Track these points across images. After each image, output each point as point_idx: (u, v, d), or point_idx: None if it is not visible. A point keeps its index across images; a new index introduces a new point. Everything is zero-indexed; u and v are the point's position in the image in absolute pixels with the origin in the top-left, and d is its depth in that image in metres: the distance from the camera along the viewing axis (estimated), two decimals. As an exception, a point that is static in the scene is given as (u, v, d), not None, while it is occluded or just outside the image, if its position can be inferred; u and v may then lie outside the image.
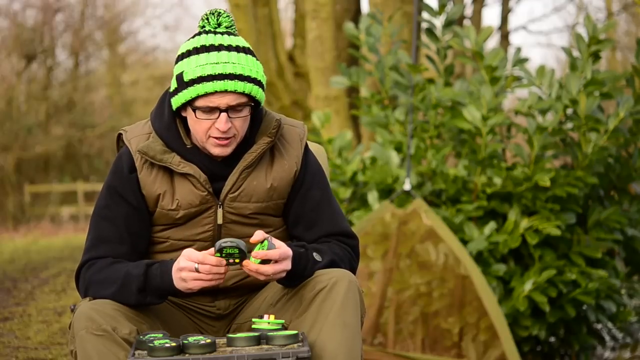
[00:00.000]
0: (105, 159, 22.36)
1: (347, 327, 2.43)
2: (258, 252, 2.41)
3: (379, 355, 4.50)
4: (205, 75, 2.46)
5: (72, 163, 22.94)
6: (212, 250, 2.40)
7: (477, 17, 13.54)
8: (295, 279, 2.50)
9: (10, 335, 5.54)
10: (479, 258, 4.65)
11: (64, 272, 9.15)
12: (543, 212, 4.63)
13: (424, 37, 6.25)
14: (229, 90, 2.47)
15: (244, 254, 2.39)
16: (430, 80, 4.97)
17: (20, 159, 21.48)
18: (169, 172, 2.57)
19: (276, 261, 2.42)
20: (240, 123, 2.51)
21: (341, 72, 5.21)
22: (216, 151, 2.52)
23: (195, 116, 2.50)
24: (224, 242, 2.39)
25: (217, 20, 2.54)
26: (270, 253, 2.41)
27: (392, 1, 7.32)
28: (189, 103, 2.50)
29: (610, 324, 5.22)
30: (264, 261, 2.42)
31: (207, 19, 2.54)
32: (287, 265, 2.44)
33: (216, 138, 2.50)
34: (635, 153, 4.98)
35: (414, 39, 4.96)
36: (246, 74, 2.49)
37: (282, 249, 2.43)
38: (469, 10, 13.50)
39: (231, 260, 2.40)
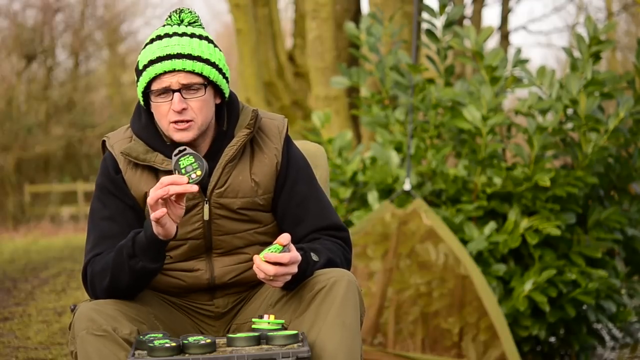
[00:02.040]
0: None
1: (347, 327, 2.43)
2: (269, 255, 2.39)
3: (379, 355, 4.50)
4: (154, 57, 2.51)
5: (72, 163, 22.95)
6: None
7: (477, 17, 13.55)
8: (295, 282, 2.50)
9: (10, 335, 5.54)
10: (479, 258, 4.64)
11: (64, 272, 9.15)
12: (543, 212, 4.63)
13: (424, 38, 6.25)
14: (177, 69, 2.50)
15: (200, 160, 2.38)
16: (430, 81, 4.97)
17: (20, 159, 21.49)
18: (154, 172, 2.58)
19: (283, 265, 2.41)
20: (198, 105, 2.52)
21: (341, 72, 5.21)
22: (177, 137, 2.52)
23: (153, 100, 2.53)
24: (177, 156, 2.38)
25: (179, 17, 2.59)
26: (280, 256, 2.39)
27: (393, 1, 7.32)
28: (148, 91, 2.53)
29: (610, 324, 5.22)
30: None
31: (170, 17, 2.59)
32: (294, 268, 2.43)
33: (175, 122, 2.51)
34: (635, 153, 4.98)
35: (414, 39, 4.96)
36: (196, 54, 2.52)
37: (292, 252, 2.42)
38: (469, 10, 13.51)
39: (194, 176, 2.37)
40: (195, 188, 2.36)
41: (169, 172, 2.55)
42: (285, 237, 2.41)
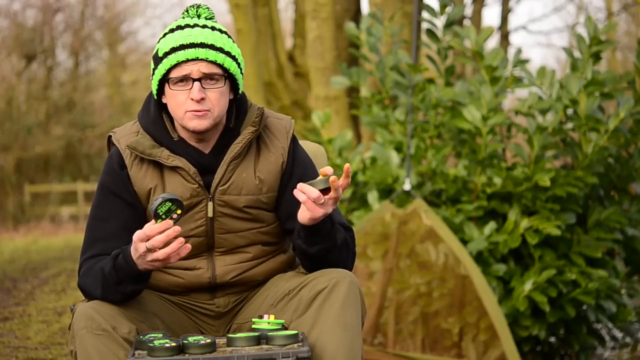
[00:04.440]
0: (105, 159, 22.30)
1: (348, 327, 2.42)
2: (335, 177, 2.40)
3: (379, 355, 4.50)
4: (177, 45, 2.52)
5: (72, 163, 22.95)
6: (152, 221, 2.37)
7: (477, 17, 13.55)
8: (324, 227, 2.49)
9: (10, 335, 5.54)
10: (479, 258, 4.64)
11: (64, 272, 9.15)
12: (543, 212, 4.63)
13: (425, 37, 6.25)
14: (200, 57, 2.51)
15: (179, 202, 2.36)
16: (430, 81, 4.97)
17: (20, 159, 21.49)
18: (159, 167, 2.58)
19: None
20: (216, 96, 2.52)
21: (341, 72, 5.20)
22: (192, 124, 2.52)
23: (170, 89, 2.52)
24: (154, 204, 2.35)
25: (197, 12, 2.60)
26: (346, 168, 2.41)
27: (393, 1, 7.32)
28: (165, 79, 2.53)
29: (610, 324, 5.21)
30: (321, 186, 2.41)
31: (187, 11, 2.61)
32: (340, 192, 2.44)
33: (191, 111, 2.51)
34: (635, 153, 4.98)
35: (414, 39, 4.96)
36: (218, 46, 2.54)
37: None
38: (469, 10, 13.51)
39: (175, 216, 2.36)
40: (177, 229, 2.35)
41: (174, 168, 2.56)
42: (329, 168, 2.42)
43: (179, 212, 2.37)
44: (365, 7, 12.55)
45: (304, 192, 2.41)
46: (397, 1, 7.31)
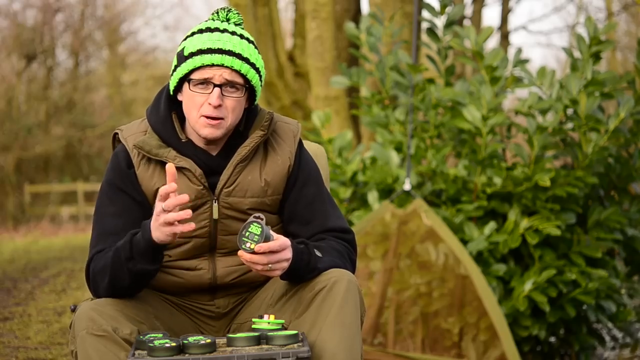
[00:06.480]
0: (105, 159, 22.36)
1: (347, 327, 2.43)
2: (261, 246, 2.37)
3: (379, 355, 4.50)
4: (205, 48, 2.51)
5: (72, 163, 22.97)
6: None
7: (477, 17, 13.54)
8: (298, 273, 2.48)
9: (10, 335, 5.54)
10: (479, 258, 4.65)
11: (64, 272, 9.15)
12: (543, 212, 4.63)
13: (425, 37, 6.25)
14: (225, 64, 2.51)
15: (262, 236, 2.35)
16: (430, 81, 4.98)
17: (20, 159, 21.50)
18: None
19: (275, 252, 2.40)
20: (233, 104, 2.53)
21: (341, 72, 5.21)
22: (205, 132, 2.52)
23: (190, 89, 2.52)
24: (254, 220, 2.34)
25: (227, 15, 2.60)
26: (272, 245, 2.38)
27: (393, 1, 7.32)
28: (186, 78, 2.53)
29: (610, 324, 5.22)
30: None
31: (217, 12, 2.60)
32: (287, 254, 2.42)
33: (207, 117, 2.51)
34: (635, 153, 4.98)
35: (414, 39, 4.96)
36: (245, 56, 2.54)
37: (280, 240, 2.41)
38: (469, 10, 13.50)
39: (247, 244, 2.35)
40: (186, 197, 2.32)
41: (180, 169, 2.55)
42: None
43: (253, 246, 2.36)
44: (365, 7, 12.56)
45: (251, 268, 2.40)
46: (397, 1, 7.31)
